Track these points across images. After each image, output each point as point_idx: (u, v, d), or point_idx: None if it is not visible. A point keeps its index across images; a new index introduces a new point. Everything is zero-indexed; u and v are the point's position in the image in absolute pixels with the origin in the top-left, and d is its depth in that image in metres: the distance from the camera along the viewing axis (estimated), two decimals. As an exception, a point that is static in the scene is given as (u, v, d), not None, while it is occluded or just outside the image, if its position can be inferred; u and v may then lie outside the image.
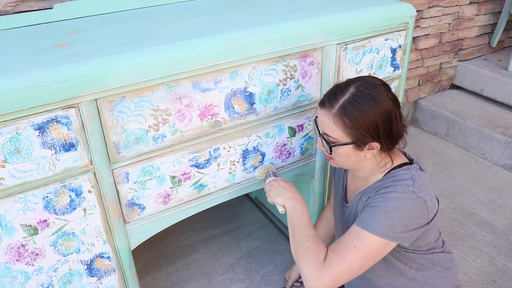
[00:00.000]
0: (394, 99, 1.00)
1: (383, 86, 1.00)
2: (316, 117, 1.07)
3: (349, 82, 1.00)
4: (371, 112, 0.95)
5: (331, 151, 1.02)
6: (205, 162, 1.15)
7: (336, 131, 0.99)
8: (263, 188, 1.19)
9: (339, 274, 0.94)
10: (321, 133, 1.05)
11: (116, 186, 1.03)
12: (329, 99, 1.00)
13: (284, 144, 1.29)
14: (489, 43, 2.79)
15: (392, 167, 1.04)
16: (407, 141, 1.08)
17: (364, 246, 0.94)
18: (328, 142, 1.02)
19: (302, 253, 0.99)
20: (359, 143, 0.98)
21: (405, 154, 1.10)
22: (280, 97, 1.20)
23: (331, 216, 1.37)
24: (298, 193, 1.11)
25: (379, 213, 0.95)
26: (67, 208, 0.98)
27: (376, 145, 0.99)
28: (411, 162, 1.07)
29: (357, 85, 0.98)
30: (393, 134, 1.00)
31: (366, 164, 1.05)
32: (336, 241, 1.00)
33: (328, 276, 0.93)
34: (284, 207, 1.09)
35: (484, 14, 2.64)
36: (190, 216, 1.22)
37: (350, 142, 0.99)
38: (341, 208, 1.18)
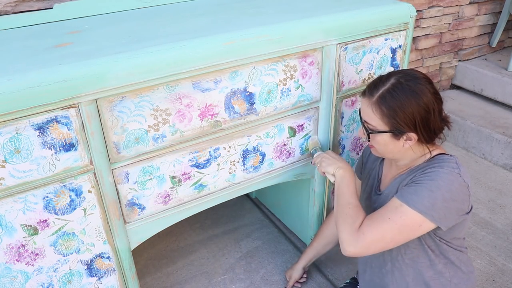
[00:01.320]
0: (435, 92, 1.02)
1: (425, 79, 1.02)
2: (360, 108, 1.12)
3: (391, 74, 1.04)
4: (408, 103, 0.98)
5: (369, 138, 1.06)
6: (205, 162, 1.15)
7: (374, 119, 1.03)
8: (311, 162, 1.28)
9: (370, 242, 0.98)
10: (362, 121, 1.09)
11: (116, 186, 1.03)
12: (370, 88, 1.04)
13: (284, 144, 1.29)
14: (489, 43, 2.79)
15: (436, 154, 1.06)
16: (445, 139, 1.10)
17: (398, 219, 0.96)
18: (367, 129, 1.06)
19: (342, 218, 1.04)
20: (396, 132, 1.01)
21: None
22: (280, 97, 1.20)
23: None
24: (347, 163, 1.17)
25: (423, 190, 0.96)
26: (67, 208, 0.98)
27: (414, 135, 1.01)
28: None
29: (398, 76, 1.02)
30: (430, 127, 1.02)
31: (405, 154, 1.07)
32: (372, 213, 1.03)
33: (359, 242, 0.98)
34: (334, 175, 1.15)
35: (484, 14, 2.64)
36: (190, 216, 1.22)
37: (387, 130, 1.02)
38: (372, 198, 1.19)
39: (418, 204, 0.95)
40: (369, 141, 1.07)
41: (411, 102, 0.98)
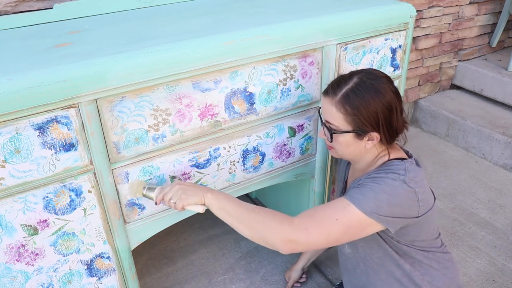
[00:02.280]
0: (396, 92, 1.02)
1: (386, 78, 1.03)
2: (320, 107, 1.11)
3: (353, 73, 1.04)
4: (372, 101, 0.98)
5: (332, 138, 1.04)
6: (205, 162, 1.15)
7: (337, 119, 1.01)
8: (155, 203, 1.02)
9: (314, 240, 0.94)
10: (323, 121, 1.07)
11: (116, 186, 1.03)
12: (333, 87, 1.03)
13: (284, 144, 1.29)
14: (489, 43, 2.79)
15: (388, 160, 1.06)
16: (408, 141, 1.10)
17: (346, 221, 0.94)
18: (329, 130, 1.04)
19: (261, 226, 0.95)
20: (359, 131, 1.01)
21: (407, 152, 1.11)
22: (280, 97, 1.20)
23: None
24: (203, 186, 1.05)
25: (368, 191, 0.96)
26: (67, 208, 0.98)
27: (376, 135, 1.01)
28: (408, 156, 1.09)
29: (360, 75, 1.02)
30: (393, 127, 1.02)
31: (365, 156, 1.07)
32: (314, 208, 1.01)
33: (302, 238, 0.93)
34: (205, 204, 0.99)
35: (484, 14, 2.64)
36: (190, 216, 1.22)
37: (350, 130, 1.01)
38: None
39: (364, 204, 0.94)
40: (331, 141, 1.05)
41: (375, 100, 0.98)
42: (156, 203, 1.01)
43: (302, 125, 1.30)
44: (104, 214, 1.04)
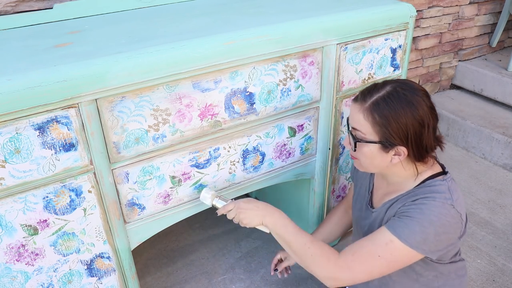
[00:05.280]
0: (431, 107, 0.96)
1: (423, 91, 0.96)
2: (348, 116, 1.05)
3: (387, 82, 0.98)
4: (403, 113, 0.92)
5: (355, 147, 0.99)
6: (205, 162, 1.15)
7: (364, 126, 0.96)
8: (216, 213, 1.13)
9: (357, 277, 0.95)
10: (349, 129, 1.02)
11: (116, 186, 1.03)
12: (363, 94, 0.98)
13: (284, 144, 1.29)
14: (489, 43, 2.79)
15: (427, 177, 1.00)
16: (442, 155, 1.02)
17: (389, 257, 0.92)
18: (354, 137, 0.99)
19: (310, 261, 0.99)
20: (386, 143, 0.94)
21: (441, 165, 1.05)
22: (280, 97, 1.20)
23: (345, 214, 1.35)
24: (267, 205, 1.08)
25: (415, 225, 0.91)
26: (67, 208, 0.98)
27: (403, 150, 0.94)
28: (443, 170, 1.03)
29: (395, 85, 0.96)
30: (423, 143, 0.95)
31: (392, 170, 1.01)
32: (357, 243, 0.97)
33: (346, 277, 0.95)
34: (265, 225, 1.05)
35: (484, 14, 2.64)
36: (190, 216, 1.22)
37: (377, 141, 0.95)
38: (365, 212, 1.14)
39: (410, 239, 0.90)
40: (354, 150, 1.00)
41: (406, 112, 0.92)
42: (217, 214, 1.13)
43: (302, 125, 1.30)
44: (104, 214, 1.04)
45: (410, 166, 0.99)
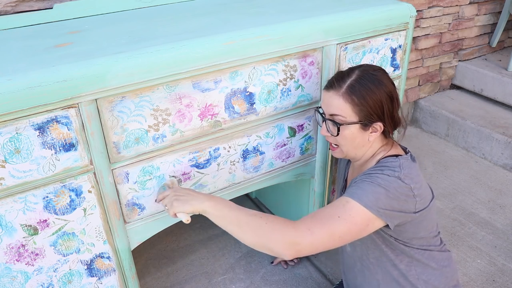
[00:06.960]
0: (393, 82, 1.08)
1: (382, 70, 1.08)
2: (317, 107, 1.14)
3: (352, 68, 1.08)
4: (376, 90, 1.02)
5: (338, 131, 1.05)
6: (205, 162, 1.15)
7: (345, 110, 1.03)
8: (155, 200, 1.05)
9: (318, 240, 0.91)
10: (326, 117, 1.08)
11: (116, 186, 1.03)
12: (337, 80, 1.06)
13: (284, 144, 1.29)
14: (489, 43, 2.79)
15: (384, 156, 1.08)
16: (408, 141, 1.11)
17: (348, 217, 0.94)
18: (336, 123, 1.05)
19: (265, 230, 0.92)
20: (366, 122, 1.03)
21: (404, 149, 1.13)
22: (280, 97, 1.20)
23: None
24: (208, 194, 1.04)
25: (366, 186, 0.97)
26: (67, 208, 0.98)
27: (380, 125, 1.04)
28: (405, 152, 1.11)
29: (361, 69, 1.06)
30: (394, 116, 1.07)
31: (367, 151, 1.09)
32: (316, 210, 1.01)
33: (306, 239, 0.91)
34: (205, 211, 0.97)
35: (484, 14, 2.64)
36: (190, 216, 1.22)
37: (357, 121, 1.03)
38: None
39: (363, 198, 0.95)
40: (337, 135, 1.05)
41: (379, 89, 1.02)
42: (155, 201, 1.05)
43: (302, 125, 1.30)
44: (104, 214, 1.04)
45: (380, 144, 1.09)
